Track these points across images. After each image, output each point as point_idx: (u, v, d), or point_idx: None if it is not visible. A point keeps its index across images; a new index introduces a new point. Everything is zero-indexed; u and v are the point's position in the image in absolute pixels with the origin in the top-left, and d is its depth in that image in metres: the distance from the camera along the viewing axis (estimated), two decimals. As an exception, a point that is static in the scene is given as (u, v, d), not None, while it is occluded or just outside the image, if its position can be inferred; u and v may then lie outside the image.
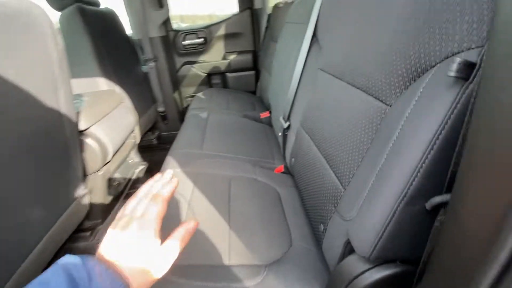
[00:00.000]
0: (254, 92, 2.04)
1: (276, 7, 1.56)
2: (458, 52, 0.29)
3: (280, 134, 0.96)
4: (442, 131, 0.30)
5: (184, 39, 1.85)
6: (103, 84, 1.29)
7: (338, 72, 0.60)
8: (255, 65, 1.97)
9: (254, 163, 0.96)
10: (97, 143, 0.97)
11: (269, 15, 1.70)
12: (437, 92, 0.31)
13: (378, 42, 0.45)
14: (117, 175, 1.24)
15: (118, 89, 1.37)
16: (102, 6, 1.51)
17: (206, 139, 1.09)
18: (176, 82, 1.96)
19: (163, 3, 1.68)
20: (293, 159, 0.85)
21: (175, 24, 1.90)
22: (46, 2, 1.24)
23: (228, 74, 1.98)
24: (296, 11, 1.06)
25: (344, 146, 0.52)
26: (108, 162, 1.07)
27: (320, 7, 0.73)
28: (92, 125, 0.97)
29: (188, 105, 2.04)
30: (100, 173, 1.04)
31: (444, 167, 0.31)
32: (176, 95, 1.98)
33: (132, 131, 1.36)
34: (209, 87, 2.02)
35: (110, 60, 1.36)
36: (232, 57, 1.92)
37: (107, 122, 1.08)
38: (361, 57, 0.51)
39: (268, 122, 1.40)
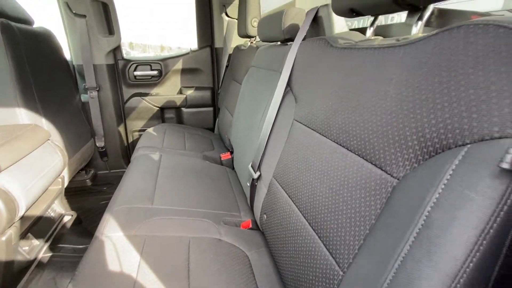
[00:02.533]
0: (211, 129, 1.93)
1: (237, 48, 1.56)
2: (500, 137, 0.25)
3: (248, 184, 0.86)
4: (491, 230, 0.24)
5: (136, 70, 1.69)
6: (24, 116, 1.02)
7: (321, 128, 0.55)
8: (214, 102, 1.90)
9: (217, 218, 0.82)
10: (2, 197, 0.71)
11: (230, 55, 1.69)
12: (477, 180, 0.26)
13: (374, 107, 0.41)
14: (30, 236, 0.94)
15: (45, 122, 1.11)
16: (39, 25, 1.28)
17: (158, 189, 0.91)
18: (122, 115, 1.74)
19: (113, 29, 1.53)
20: (264, 215, 0.74)
21: (130, 51, 1.74)
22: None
23: (184, 109, 1.85)
24: (263, 56, 1.04)
25: (338, 217, 0.44)
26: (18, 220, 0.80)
27: (295, 60, 0.71)
28: (-3, 172, 0.72)
29: (135, 140, 1.81)
30: (3, 238, 0.76)
31: (488, 274, 0.25)
32: (121, 128, 1.74)
33: (59, 175, 1.09)
34: (162, 122, 1.84)
35: (38, 88, 1.11)
36: (189, 92, 1.82)
37: (23, 166, 0.83)
38: (351, 119, 0.47)
39: (230, 165, 1.29)
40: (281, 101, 0.75)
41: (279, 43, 0.95)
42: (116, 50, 1.61)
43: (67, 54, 1.49)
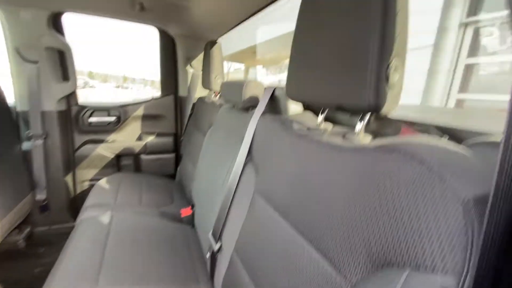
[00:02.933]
0: (172, 176, 1.85)
1: (201, 99, 1.59)
2: (433, 272, 0.28)
3: (208, 255, 0.81)
4: None
5: (91, 116, 1.60)
6: None
7: (281, 209, 0.56)
8: (176, 148, 1.85)
9: (173, 295, 0.75)
10: None
11: (194, 104, 1.71)
12: None
13: (326, 204, 0.44)
14: None
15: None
16: None
17: (105, 263, 0.81)
18: (71, 163, 1.59)
19: (69, 75, 1.46)
20: (225, 294, 0.69)
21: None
22: None
23: (143, 156, 1.76)
24: (226, 119, 1.06)
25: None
26: None
27: (255, 132, 0.74)
28: None
29: (84, 191, 1.65)
30: None
31: None
32: (68, 178, 1.57)
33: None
34: (117, 171, 1.71)
35: None
36: (149, 138, 1.76)
37: None
38: (308, 208, 0.48)
39: (190, 221, 1.22)
40: (242, 169, 0.76)
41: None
42: (71, 95, 1.52)
43: (13, 99, 1.36)
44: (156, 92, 1.86)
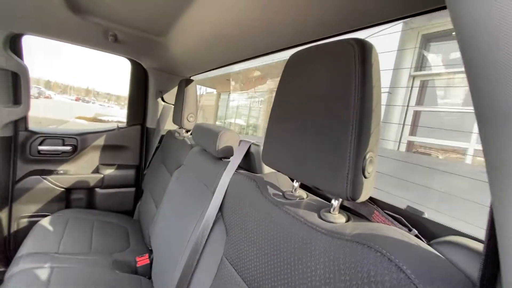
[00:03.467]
0: (130, 213, 1.70)
1: (171, 133, 1.54)
2: None
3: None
4: None
5: (42, 143, 1.43)
6: None
7: (251, 279, 0.53)
8: (137, 182, 1.72)
9: None
10: None
11: (163, 137, 1.64)
12: None
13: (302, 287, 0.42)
14: None
15: None
16: None
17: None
18: (9, 197, 1.37)
19: (22, 99, 1.31)
20: None
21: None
22: None
23: (98, 190, 1.59)
24: (197, 163, 1.02)
25: None
26: None
27: (228, 188, 0.71)
28: None
29: (20, 230, 1.41)
30: None
31: None
32: (3, 213, 1.35)
33: None
34: (66, 207, 1.52)
35: None
36: (108, 171, 1.61)
37: None
38: (280, 284, 0.46)
39: (147, 272, 1.10)
40: (211, 226, 0.72)
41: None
42: (20, 120, 1.36)
43: None
44: (120, 109, 1.74)
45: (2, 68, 1.23)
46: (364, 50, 0.39)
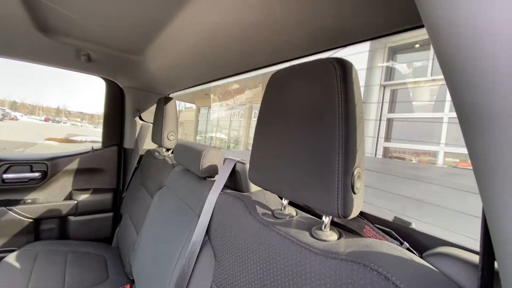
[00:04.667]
0: (108, 240, 1.58)
1: (150, 152, 1.48)
2: None
3: None
4: None
5: (6, 171, 1.31)
6: None
7: None
8: (115, 206, 1.62)
9: None
10: None
11: (142, 156, 1.58)
12: None
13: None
14: None
15: None
16: None
17: None
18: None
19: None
20: None
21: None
22: None
23: (72, 218, 1.48)
24: (180, 183, 0.98)
25: None
26: None
27: (214, 209, 0.69)
28: None
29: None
30: None
31: None
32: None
33: None
34: (34, 238, 1.38)
35: None
36: (82, 197, 1.51)
37: None
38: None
39: (128, 305, 1.02)
40: (198, 252, 0.68)
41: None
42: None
43: None
44: (94, 128, 1.66)
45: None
46: (345, 68, 0.40)
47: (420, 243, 0.45)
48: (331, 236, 0.45)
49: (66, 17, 0.91)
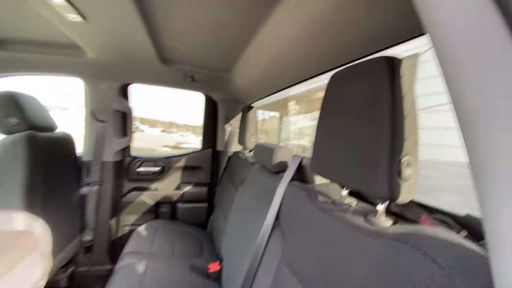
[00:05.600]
0: (204, 225, 1.91)
1: (236, 154, 1.72)
2: None
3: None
4: None
5: (139, 166, 1.81)
6: (19, 222, 1.05)
7: (303, 278, 0.57)
8: (209, 198, 1.95)
9: None
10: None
11: (230, 157, 1.85)
12: None
13: (346, 285, 0.45)
14: None
15: (38, 226, 1.12)
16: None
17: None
18: (117, 208, 1.76)
19: (127, 132, 1.72)
20: None
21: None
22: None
23: (179, 205, 1.88)
24: (257, 179, 1.13)
25: None
26: None
27: (283, 198, 0.79)
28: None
29: (124, 235, 1.77)
30: None
31: None
32: (112, 222, 1.73)
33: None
34: (155, 217, 1.84)
35: (44, 189, 1.18)
36: (187, 188, 1.89)
37: (5, 283, 0.80)
38: (329, 283, 0.50)
39: (217, 278, 1.23)
40: (270, 232, 0.79)
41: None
42: (126, 148, 1.77)
43: (82, 151, 1.64)
44: (195, 137, 2.05)
45: (117, 110, 1.66)
46: (392, 65, 0.44)
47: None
48: (384, 222, 0.48)
49: (179, 50, 1.23)
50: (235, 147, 1.86)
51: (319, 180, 0.81)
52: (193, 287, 1.09)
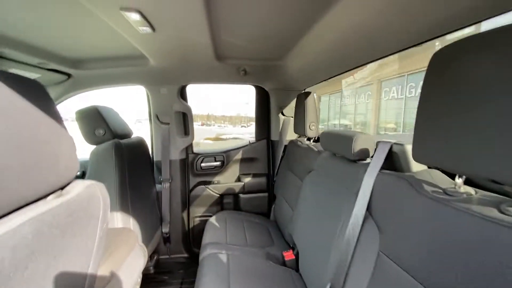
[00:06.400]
0: (266, 214, 1.97)
1: (293, 142, 1.70)
2: None
3: (327, 309, 0.82)
4: None
5: (202, 161, 1.91)
6: (119, 219, 1.20)
7: (416, 271, 0.54)
8: (268, 188, 1.99)
9: None
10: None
11: (286, 146, 1.84)
12: None
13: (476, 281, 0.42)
14: None
15: (132, 223, 1.27)
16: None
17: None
18: (186, 202, 1.90)
19: (189, 130, 1.82)
20: None
21: (196, 147, 2.01)
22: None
23: (241, 196, 1.96)
24: (330, 167, 1.10)
25: None
26: None
27: (373, 188, 0.75)
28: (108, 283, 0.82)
29: (195, 226, 1.92)
30: None
31: None
32: (184, 214, 1.88)
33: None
34: (220, 208, 1.95)
35: (131, 189, 1.33)
36: (247, 179, 1.96)
37: (122, 274, 0.93)
38: (449, 275, 0.46)
39: (293, 266, 1.26)
40: (361, 226, 0.77)
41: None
42: (188, 146, 1.88)
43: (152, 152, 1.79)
44: (233, 127, 2.09)
45: (177, 111, 1.76)
46: None
47: None
48: None
49: (234, 45, 1.23)
50: (290, 135, 1.84)
51: (416, 168, 0.75)
52: (274, 275, 1.13)
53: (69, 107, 1.82)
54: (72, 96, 1.62)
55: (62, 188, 0.52)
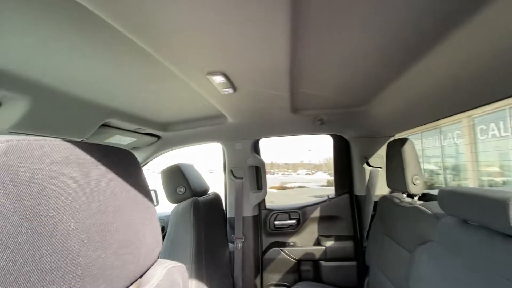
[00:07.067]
0: (355, 288, 1.58)
1: (387, 199, 1.40)
2: None
3: None
4: None
5: (276, 219, 1.75)
6: (193, 286, 1.09)
7: None
8: (357, 255, 1.63)
9: None
10: None
11: (376, 203, 1.53)
12: None
13: None
14: None
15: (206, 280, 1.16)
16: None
17: None
18: (260, 266, 1.70)
19: (262, 185, 1.73)
20: None
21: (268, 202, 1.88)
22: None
23: (323, 263, 1.64)
24: (461, 238, 0.79)
25: None
26: None
27: None
28: None
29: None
30: None
31: None
32: (257, 281, 1.66)
33: None
34: (298, 277, 1.66)
35: (206, 252, 1.24)
36: (328, 243, 1.66)
37: None
38: None
39: None
40: None
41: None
42: (261, 202, 1.77)
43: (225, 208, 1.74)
44: (297, 174, 1.85)
45: (251, 165, 1.71)
46: None
47: None
48: None
49: (309, 96, 1.15)
50: (380, 190, 1.54)
51: None
52: None
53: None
54: (161, 154, 1.77)
55: (141, 276, 0.44)
